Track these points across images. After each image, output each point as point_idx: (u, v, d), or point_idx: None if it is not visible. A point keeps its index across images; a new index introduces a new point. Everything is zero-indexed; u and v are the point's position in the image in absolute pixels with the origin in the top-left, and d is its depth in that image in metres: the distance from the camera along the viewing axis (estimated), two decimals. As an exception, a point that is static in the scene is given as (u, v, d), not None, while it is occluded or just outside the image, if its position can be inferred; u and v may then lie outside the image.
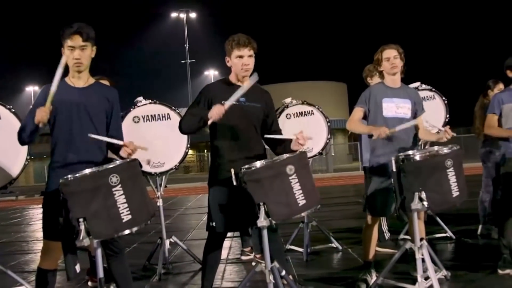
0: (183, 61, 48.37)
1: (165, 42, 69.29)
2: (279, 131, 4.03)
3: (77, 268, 3.21)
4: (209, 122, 3.57)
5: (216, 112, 3.51)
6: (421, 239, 4.05)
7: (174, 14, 48.50)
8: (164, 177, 5.81)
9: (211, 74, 52.29)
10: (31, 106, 3.53)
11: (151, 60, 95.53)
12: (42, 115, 3.22)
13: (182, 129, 3.88)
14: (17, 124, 4.86)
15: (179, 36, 48.97)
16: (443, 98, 6.40)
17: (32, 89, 53.61)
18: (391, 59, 4.46)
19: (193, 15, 47.98)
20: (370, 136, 4.35)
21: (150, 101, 5.66)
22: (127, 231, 3.03)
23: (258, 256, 5.57)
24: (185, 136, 5.56)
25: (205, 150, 40.94)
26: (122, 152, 3.37)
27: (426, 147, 5.68)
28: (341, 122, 37.69)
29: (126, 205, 3.00)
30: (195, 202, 15.40)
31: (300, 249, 6.02)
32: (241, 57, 3.77)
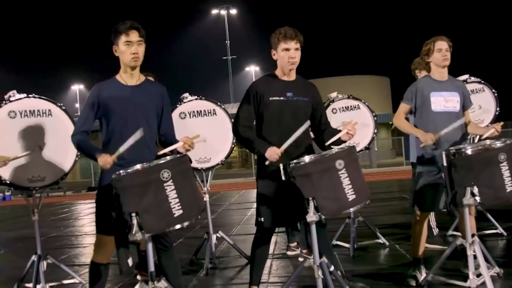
0: (224, 57, 48.74)
1: (206, 38, 69.88)
2: (328, 124, 4.02)
3: (130, 261, 3.26)
4: (267, 163, 3.63)
5: (272, 156, 3.58)
6: (473, 235, 3.96)
7: (215, 11, 48.93)
8: (210, 172, 5.86)
9: (252, 70, 52.53)
10: (77, 105, 3.58)
11: (193, 56, 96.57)
12: (108, 163, 3.27)
13: (238, 138, 3.95)
14: (66, 121, 4.98)
15: (220, 33, 49.42)
16: (493, 90, 6.19)
17: (77, 87, 54.96)
18: (443, 50, 4.36)
19: (233, 11, 48.33)
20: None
21: (196, 97, 5.72)
22: (178, 226, 3.06)
23: (304, 251, 5.56)
24: (231, 131, 5.58)
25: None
26: (181, 149, 3.40)
27: (476, 141, 5.55)
28: (385, 116, 37.17)
29: (177, 200, 3.03)
30: (238, 198, 15.46)
31: (347, 245, 5.98)
32: (287, 50, 3.77)
